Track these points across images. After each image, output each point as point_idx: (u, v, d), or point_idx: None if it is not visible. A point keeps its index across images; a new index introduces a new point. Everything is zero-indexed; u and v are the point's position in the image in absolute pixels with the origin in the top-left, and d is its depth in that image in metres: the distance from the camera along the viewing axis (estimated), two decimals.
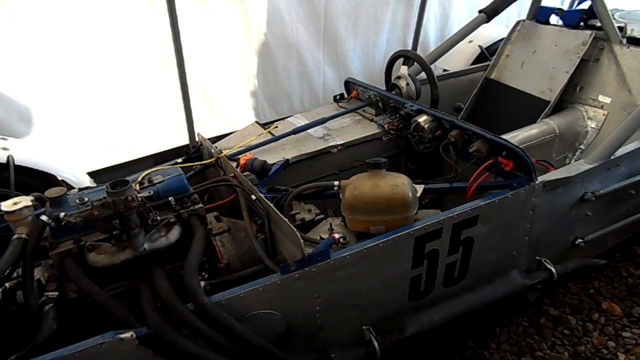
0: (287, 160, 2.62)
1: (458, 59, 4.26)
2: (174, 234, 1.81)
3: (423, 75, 3.13)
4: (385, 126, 2.88)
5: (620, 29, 3.25)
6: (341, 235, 1.96)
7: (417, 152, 2.75)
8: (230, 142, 2.81)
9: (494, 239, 2.24)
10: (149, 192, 1.87)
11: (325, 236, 2.03)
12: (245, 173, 2.34)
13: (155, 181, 1.97)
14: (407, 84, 3.10)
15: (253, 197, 2.09)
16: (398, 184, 1.99)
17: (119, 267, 1.72)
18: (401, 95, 3.09)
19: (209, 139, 2.80)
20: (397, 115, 2.86)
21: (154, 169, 2.12)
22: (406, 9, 4.80)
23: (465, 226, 2.10)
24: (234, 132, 3.04)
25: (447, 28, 5.25)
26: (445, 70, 4.23)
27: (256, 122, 3.08)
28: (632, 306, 2.77)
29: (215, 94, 4.10)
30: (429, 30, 5.14)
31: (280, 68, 4.32)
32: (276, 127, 2.95)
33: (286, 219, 1.91)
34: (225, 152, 2.59)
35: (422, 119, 2.63)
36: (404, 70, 3.14)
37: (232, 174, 2.34)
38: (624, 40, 3.20)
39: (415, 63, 3.21)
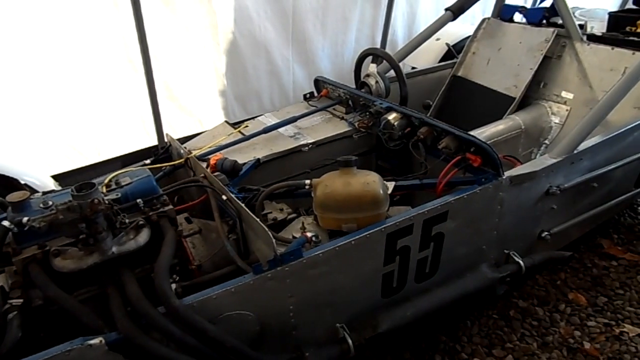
0: (258, 159, 2.60)
1: (426, 56, 4.32)
2: (143, 236, 1.77)
3: (392, 73, 3.16)
4: (356, 124, 2.89)
5: (581, 26, 3.35)
6: (313, 234, 1.96)
7: (387, 149, 2.77)
8: (200, 142, 2.78)
9: (464, 234, 2.28)
10: (117, 195, 1.83)
11: (297, 235, 2.02)
12: (216, 173, 2.31)
13: (123, 183, 1.92)
14: (376, 81, 3.12)
15: (224, 197, 2.07)
16: (369, 182, 2.01)
17: (86, 272, 1.67)
18: (371, 93, 3.10)
19: (178, 139, 2.76)
20: (367, 113, 2.87)
21: (121, 171, 2.07)
22: (374, 7, 4.84)
23: (435, 222, 2.13)
24: (203, 132, 3.00)
25: (414, 26, 5.31)
26: (413, 68, 4.28)
27: (226, 121, 3.05)
28: (597, 296, 2.86)
29: (183, 93, 4.04)
30: (396, 28, 5.19)
31: (249, 67, 4.29)
32: (246, 126, 2.92)
33: (258, 219, 1.90)
34: (194, 153, 2.56)
35: (392, 116, 2.65)
36: (372, 68, 3.16)
37: (202, 175, 2.31)
38: (585, 38, 3.30)
39: (384, 61, 3.24)
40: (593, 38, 3.31)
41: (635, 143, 2.80)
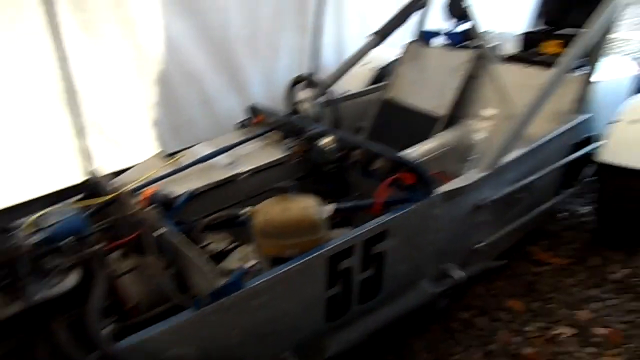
0: (193, 190, 2.55)
1: (356, 81, 4.43)
2: (72, 279, 1.68)
3: (324, 98, 3.22)
4: (291, 150, 2.91)
5: (495, 48, 3.58)
6: (254, 263, 1.94)
7: (323, 173, 2.80)
8: (132, 175, 2.68)
9: (403, 251, 2.33)
10: (42, 236, 1.74)
11: (238, 265, 1.99)
12: (150, 207, 2.24)
13: (49, 223, 1.83)
14: (309, 107, 3.16)
15: (159, 231, 2.01)
16: (307, 206, 2.02)
17: (9, 322, 1.56)
18: (304, 118, 3.14)
19: (108, 173, 2.66)
20: (302, 139, 2.90)
21: (47, 210, 1.97)
22: (302, 34, 4.92)
23: (374, 242, 2.16)
24: (135, 165, 2.91)
25: (342, 52, 5.44)
26: (344, 92, 4.37)
27: (159, 153, 2.98)
28: (531, 301, 2.99)
29: (113, 126, 3.91)
30: (325, 54, 5.28)
31: (180, 97, 4.23)
32: (180, 157, 2.87)
33: (195, 252, 1.86)
34: (126, 187, 2.47)
35: (326, 140, 2.69)
36: (305, 94, 3.21)
37: (136, 209, 2.23)
38: (500, 57, 3.52)
39: (316, 86, 3.30)
40: (508, 58, 3.53)
41: (553, 154, 2.99)
